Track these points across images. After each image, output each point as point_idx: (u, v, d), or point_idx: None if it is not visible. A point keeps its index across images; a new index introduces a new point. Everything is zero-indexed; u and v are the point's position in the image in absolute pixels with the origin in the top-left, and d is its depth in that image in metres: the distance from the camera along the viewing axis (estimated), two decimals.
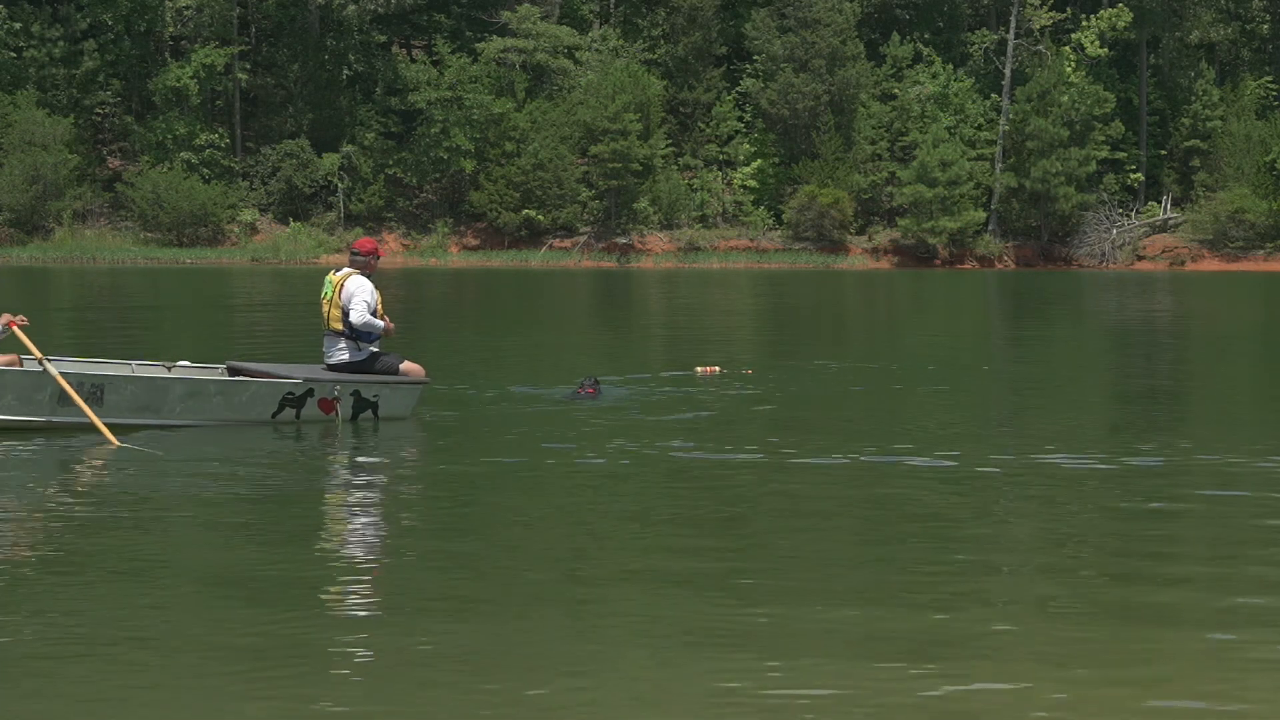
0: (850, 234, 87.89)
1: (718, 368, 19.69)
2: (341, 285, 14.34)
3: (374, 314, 14.36)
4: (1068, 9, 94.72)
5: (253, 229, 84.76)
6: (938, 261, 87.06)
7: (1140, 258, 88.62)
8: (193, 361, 14.90)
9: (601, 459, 12.25)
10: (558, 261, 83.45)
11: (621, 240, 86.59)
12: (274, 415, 13.97)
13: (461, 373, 19.15)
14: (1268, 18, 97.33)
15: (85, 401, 13.04)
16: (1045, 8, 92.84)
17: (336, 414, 14.14)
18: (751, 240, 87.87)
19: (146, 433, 13.12)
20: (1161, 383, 20.33)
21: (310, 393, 14.12)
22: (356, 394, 14.28)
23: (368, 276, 14.47)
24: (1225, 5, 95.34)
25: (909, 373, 20.93)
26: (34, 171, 79.81)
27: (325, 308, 14.46)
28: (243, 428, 13.70)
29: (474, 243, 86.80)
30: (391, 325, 14.68)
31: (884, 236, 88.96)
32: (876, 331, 33.41)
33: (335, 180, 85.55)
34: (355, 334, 14.37)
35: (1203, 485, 10.96)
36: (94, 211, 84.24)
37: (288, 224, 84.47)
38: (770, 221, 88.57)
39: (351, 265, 14.60)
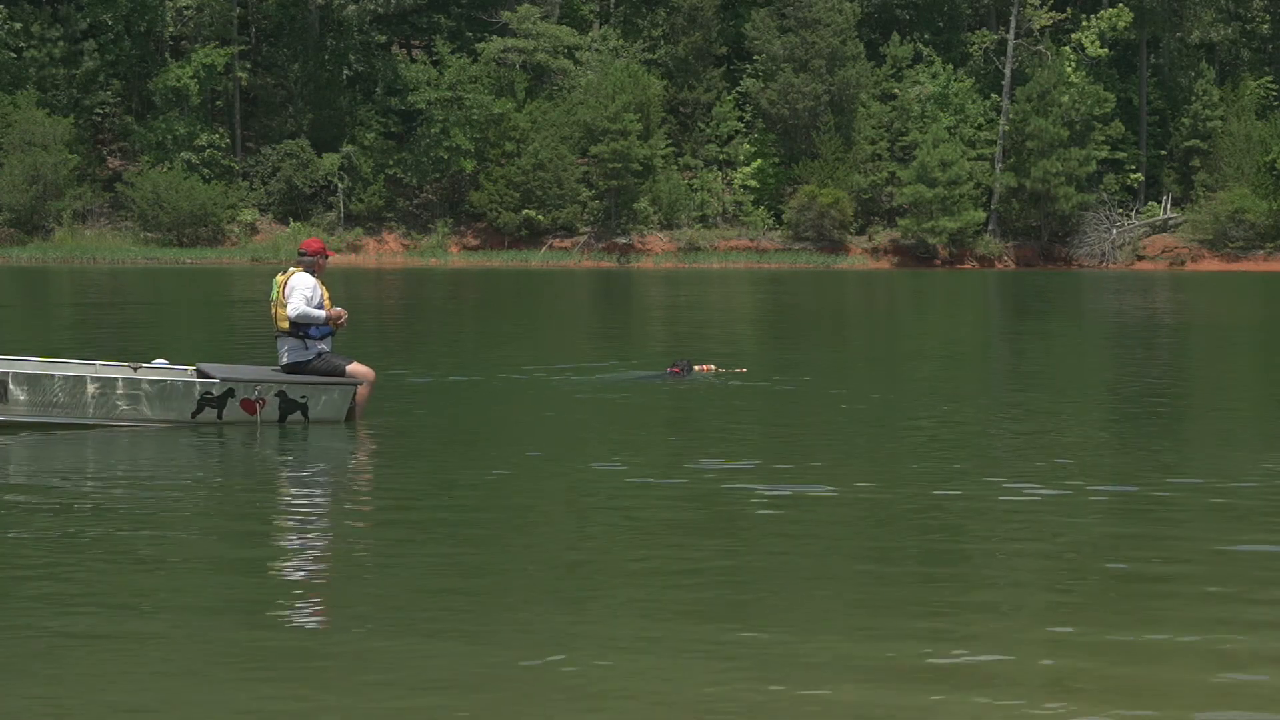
0: (850, 234, 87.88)
1: (713, 366, 19.64)
2: (285, 284, 14.23)
3: (318, 308, 14.22)
4: (1068, 9, 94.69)
5: (253, 229, 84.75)
6: (938, 261, 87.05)
7: (1140, 258, 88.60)
8: (171, 361, 14.73)
9: (595, 463, 12.23)
10: (558, 261, 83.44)
11: (621, 240, 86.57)
12: (194, 415, 13.67)
13: (464, 365, 19.16)
14: (1268, 18, 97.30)
15: None
16: (1045, 8, 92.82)
17: (259, 415, 13.77)
18: (751, 240, 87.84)
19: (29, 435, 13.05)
20: (1163, 388, 20.27)
21: (231, 393, 13.74)
22: (282, 395, 13.88)
23: (312, 274, 14.34)
24: (1225, 5, 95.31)
25: (907, 375, 20.91)
26: (34, 171, 79.80)
27: (273, 309, 14.32)
28: (164, 428, 13.51)
29: (474, 243, 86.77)
30: (338, 313, 14.31)
31: (884, 236, 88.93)
32: (875, 331, 33.38)
33: (335, 180, 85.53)
34: (299, 329, 14.15)
35: (1207, 506, 10.54)
36: (94, 211, 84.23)
37: (288, 224, 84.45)
38: (770, 221, 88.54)
39: (298, 264, 14.45)
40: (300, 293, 14.10)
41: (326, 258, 14.56)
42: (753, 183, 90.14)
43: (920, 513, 10.09)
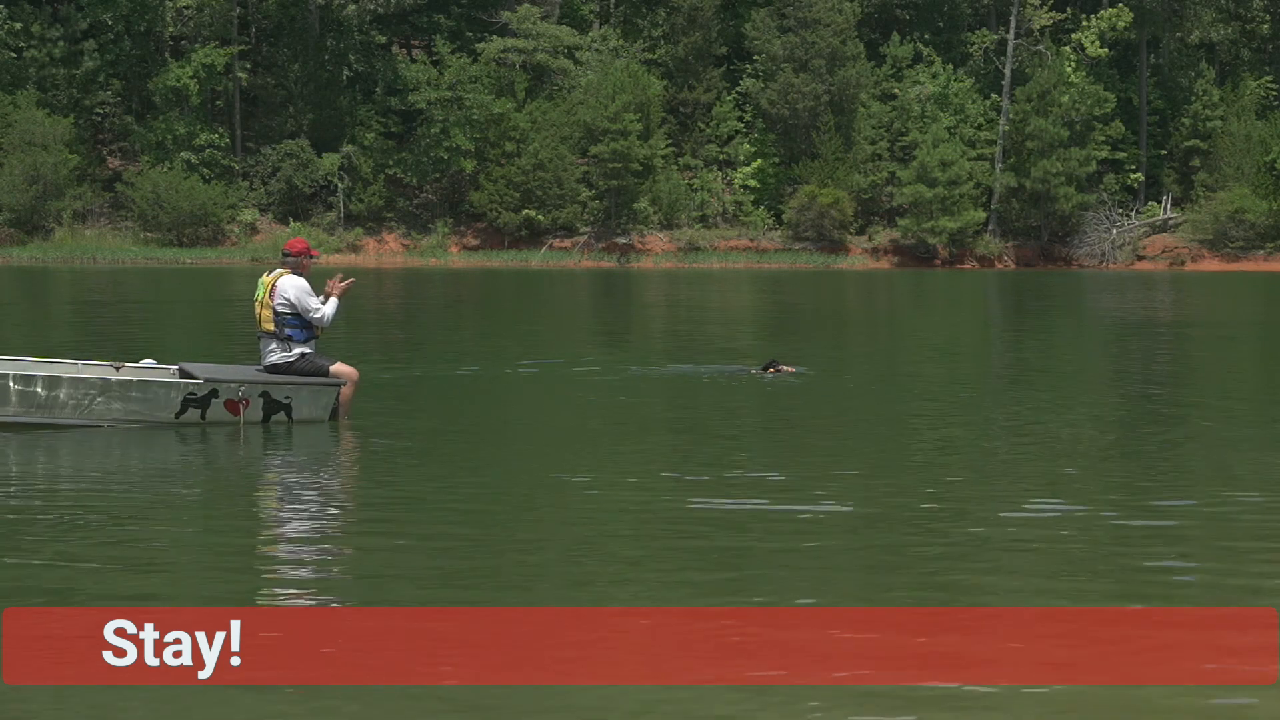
0: (850, 234, 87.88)
1: (791, 368, 19.22)
2: (273, 286, 14.14)
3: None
4: (1068, 9, 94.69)
5: (253, 229, 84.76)
6: (938, 261, 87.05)
7: (1140, 258, 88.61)
8: (159, 361, 14.67)
9: (590, 466, 12.19)
10: (558, 261, 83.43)
11: (621, 240, 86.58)
12: (177, 416, 13.61)
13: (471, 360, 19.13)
14: (1268, 18, 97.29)
15: None
16: (1045, 8, 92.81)
17: (242, 416, 13.71)
18: (751, 240, 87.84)
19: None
20: (1163, 389, 20.22)
21: (214, 393, 13.69)
22: (266, 395, 13.83)
23: (298, 274, 14.25)
24: (1225, 5, 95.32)
25: (906, 375, 20.86)
26: (34, 171, 79.79)
27: (258, 309, 14.24)
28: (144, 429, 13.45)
29: (474, 243, 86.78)
30: (343, 287, 14.28)
31: (884, 236, 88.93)
32: (876, 331, 33.36)
33: (335, 180, 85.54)
34: (282, 330, 14.07)
35: (1209, 514, 10.42)
36: (94, 211, 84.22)
37: (288, 224, 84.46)
38: (770, 221, 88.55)
39: (283, 265, 14.34)
40: (304, 296, 14.00)
41: (312, 257, 14.43)
42: (753, 183, 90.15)
43: (917, 522, 10.06)
